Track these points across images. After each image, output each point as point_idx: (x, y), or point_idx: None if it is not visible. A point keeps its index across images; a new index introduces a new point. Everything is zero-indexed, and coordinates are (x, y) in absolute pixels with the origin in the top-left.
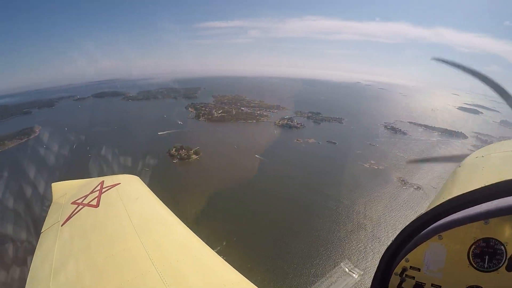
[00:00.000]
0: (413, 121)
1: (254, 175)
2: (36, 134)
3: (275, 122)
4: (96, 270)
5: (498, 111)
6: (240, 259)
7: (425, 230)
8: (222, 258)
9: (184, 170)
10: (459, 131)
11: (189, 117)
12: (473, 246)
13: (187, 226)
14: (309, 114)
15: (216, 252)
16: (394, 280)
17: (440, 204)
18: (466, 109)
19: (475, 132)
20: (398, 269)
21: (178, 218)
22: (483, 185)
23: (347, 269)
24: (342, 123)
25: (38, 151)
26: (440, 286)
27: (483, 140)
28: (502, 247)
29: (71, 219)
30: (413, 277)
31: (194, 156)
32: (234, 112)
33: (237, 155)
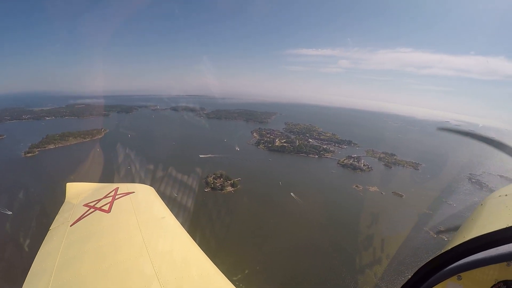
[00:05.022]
0: (505, 175)
1: (279, 217)
2: (99, 136)
3: (338, 161)
4: (98, 274)
5: None
6: None
7: (444, 270)
8: None
9: (211, 202)
10: None
11: (249, 143)
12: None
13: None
14: (382, 155)
15: None
16: None
17: (461, 243)
18: None
19: None
20: None
21: (188, 234)
22: (506, 226)
23: None
24: (418, 169)
25: (89, 152)
26: None
27: None
28: None
29: (81, 220)
30: None
31: (229, 188)
32: (297, 143)
33: (277, 192)
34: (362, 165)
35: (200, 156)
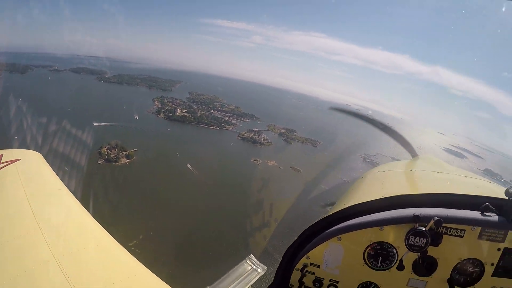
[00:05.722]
0: (396, 158)
1: (174, 188)
2: None
3: (239, 134)
4: None
5: (482, 158)
6: None
7: (326, 231)
8: None
9: (104, 174)
10: None
11: (150, 112)
12: (368, 248)
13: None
14: (283, 131)
15: None
16: (295, 275)
17: (342, 209)
18: (451, 151)
19: None
20: (299, 265)
21: (81, 205)
22: (381, 197)
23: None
24: (316, 146)
25: None
26: (337, 282)
27: None
28: (394, 250)
29: None
30: (313, 273)
31: (123, 160)
32: (199, 114)
33: (174, 164)
34: (263, 139)
35: (95, 124)
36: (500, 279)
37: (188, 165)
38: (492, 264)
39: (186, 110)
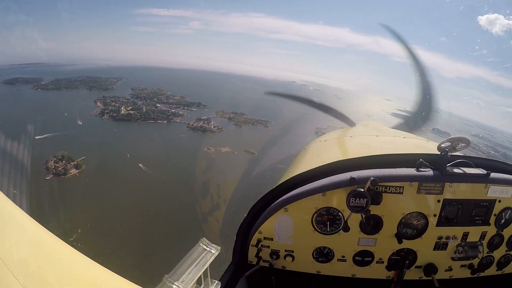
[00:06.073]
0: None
1: (127, 191)
2: None
3: (188, 124)
4: None
5: (429, 118)
6: None
7: (272, 204)
8: None
9: (53, 190)
10: None
11: (93, 114)
12: (315, 215)
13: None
14: (232, 115)
15: None
16: (252, 251)
17: (286, 181)
18: (399, 115)
19: None
20: (253, 241)
21: (25, 213)
22: (320, 164)
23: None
24: (268, 126)
25: None
26: (292, 251)
27: None
28: (340, 213)
29: None
30: (268, 246)
31: (73, 171)
32: (144, 110)
33: (125, 165)
34: (213, 126)
35: (37, 137)
36: (444, 228)
37: (140, 165)
38: (435, 215)
39: (130, 107)
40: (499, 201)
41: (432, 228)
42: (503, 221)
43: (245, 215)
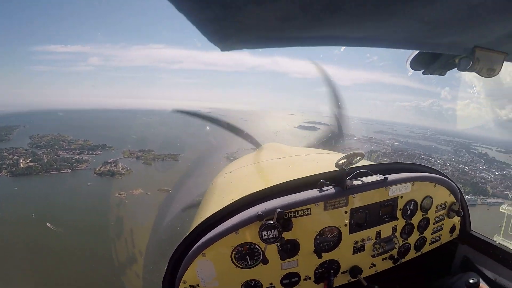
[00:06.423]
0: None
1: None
2: None
3: (95, 170)
4: None
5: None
6: None
7: (189, 253)
8: None
9: None
10: None
11: None
12: (233, 253)
13: None
14: (139, 154)
15: None
16: None
17: (197, 226)
18: (305, 127)
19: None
20: None
21: None
22: (229, 202)
23: None
24: (178, 160)
25: None
26: None
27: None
28: (257, 246)
29: None
30: None
31: None
32: (45, 160)
33: (30, 227)
34: (121, 168)
35: None
36: (357, 233)
37: (48, 224)
38: (346, 225)
39: (30, 159)
40: (401, 197)
41: (346, 236)
42: (408, 212)
43: (165, 266)
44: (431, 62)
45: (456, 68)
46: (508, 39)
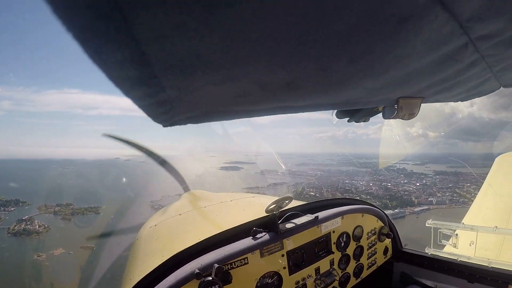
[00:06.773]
0: (180, 193)
1: None
2: None
3: (8, 229)
4: None
5: (255, 162)
6: None
7: None
8: None
9: None
10: (231, 190)
11: None
12: None
13: None
14: (57, 208)
15: None
16: None
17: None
18: (227, 168)
19: (245, 188)
20: None
21: None
22: (159, 262)
23: None
24: (100, 212)
25: None
26: None
27: (256, 192)
28: None
29: None
30: None
31: None
32: None
33: None
34: (38, 226)
35: None
36: (297, 273)
37: None
38: (284, 268)
39: None
40: (333, 231)
41: (287, 278)
42: (342, 244)
43: None
44: (356, 111)
45: (381, 115)
46: (426, 88)
